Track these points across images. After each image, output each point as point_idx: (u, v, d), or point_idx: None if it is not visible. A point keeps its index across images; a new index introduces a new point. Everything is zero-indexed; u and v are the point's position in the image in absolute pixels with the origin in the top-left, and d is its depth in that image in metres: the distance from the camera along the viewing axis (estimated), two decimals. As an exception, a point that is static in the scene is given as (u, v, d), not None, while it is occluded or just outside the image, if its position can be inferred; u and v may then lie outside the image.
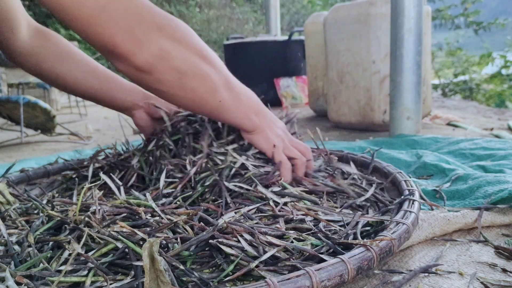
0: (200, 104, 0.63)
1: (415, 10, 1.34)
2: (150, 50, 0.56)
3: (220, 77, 0.62)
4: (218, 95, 0.62)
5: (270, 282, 0.39)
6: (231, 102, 0.64)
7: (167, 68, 0.57)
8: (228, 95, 0.63)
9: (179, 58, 0.58)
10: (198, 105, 0.64)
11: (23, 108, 1.92)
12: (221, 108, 0.63)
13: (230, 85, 0.63)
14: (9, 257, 0.48)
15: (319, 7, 5.88)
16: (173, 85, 0.59)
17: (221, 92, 0.62)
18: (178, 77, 0.58)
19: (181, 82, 0.59)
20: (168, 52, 0.57)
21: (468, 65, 4.56)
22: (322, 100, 2.21)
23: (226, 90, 0.63)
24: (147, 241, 0.40)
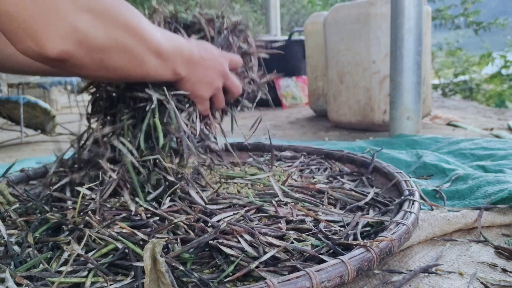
0: (124, 78, 0.59)
1: (415, 10, 1.34)
2: (63, 34, 0.45)
3: (148, 46, 0.55)
4: (144, 67, 0.56)
5: (270, 283, 0.39)
6: (159, 66, 0.59)
7: (85, 52, 0.48)
8: (156, 63, 0.58)
9: (100, 37, 0.48)
10: (121, 79, 0.62)
11: (23, 108, 1.92)
12: (147, 76, 0.59)
13: (159, 50, 0.57)
14: (9, 257, 0.48)
15: (319, 7, 5.88)
16: (94, 68, 0.51)
17: (148, 63, 0.56)
18: (100, 59, 0.50)
19: (103, 63, 0.51)
20: (87, 34, 0.47)
21: (468, 65, 4.56)
22: (322, 100, 2.21)
23: (155, 58, 0.57)
24: (150, 242, 0.40)
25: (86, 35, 0.46)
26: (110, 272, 0.45)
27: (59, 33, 0.44)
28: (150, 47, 0.55)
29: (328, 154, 0.95)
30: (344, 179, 0.80)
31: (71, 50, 0.46)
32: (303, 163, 0.91)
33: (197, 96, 0.68)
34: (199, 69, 0.66)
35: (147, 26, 0.55)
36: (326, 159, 0.94)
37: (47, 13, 0.43)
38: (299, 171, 0.85)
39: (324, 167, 0.88)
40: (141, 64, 0.55)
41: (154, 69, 0.58)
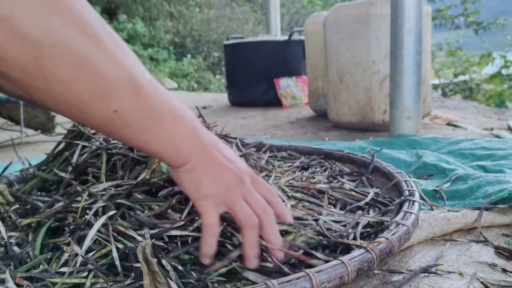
0: (79, 109, 0.38)
1: (415, 10, 1.34)
2: None
3: (119, 72, 0.38)
4: (111, 100, 0.38)
5: (270, 283, 0.39)
6: (138, 115, 0.40)
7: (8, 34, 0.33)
8: (133, 103, 0.39)
9: (34, 24, 0.33)
10: (76, 111, 0.39)
11: (23, 108, 1.92)
12: (120, 123, 0.40)
13: (140, 90, 0.40)
14: (9, 258, 0.48)
15: (319, 7, 5.88)
16: (24, 69, 0.34)
17: (118, 98, 0.38)
18: (33, 56, 0.34)
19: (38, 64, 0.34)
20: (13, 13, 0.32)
21: (468, 65, 4.56)
22: (322, 100, 2.21)
23: (130, 95, 0.39)
24: (139, 245, 0.40)
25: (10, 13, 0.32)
26: (110, 273, 0.45)
27: None
28: (123, 75, 0.38)
29: (328, 154, 0.95)
30: (344, 179, 0.80)
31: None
32: (303, 163, 0.91)
33: (204, 196, 0.45)
34: (209, 157, 0.46)
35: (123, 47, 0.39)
36: (326, 159, 0.94)
37: None
38: (299, 171, 0.85)
39: (324, 167, 0.88)
40: (105, 93, 0.38)
41: (127, 114, 0.39)
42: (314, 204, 0.63)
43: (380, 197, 0.69)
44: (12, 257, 0.48)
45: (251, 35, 7.21)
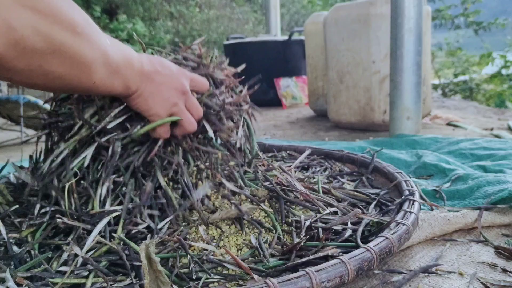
0: (67, 89, 0.50)
1: (415, 10, 1.34)
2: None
3: (96, 53, 0.47)
4: (90, 77, 0.48)
5: (270, 283, 0.39)
6: (107, 78, 0.51)
7: (20, 55, 0.40)
8: (105, 72, 0.50)
9: (39, 40, 0.41)
10: (63, 90, 0.55)
11: (23, 108, 1.92)
12: (95, 88, 0.51)
13: (108, 60, 0.49)
14: (9, 258, 0.48)
15: (319, 7, 5.88)
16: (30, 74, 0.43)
17: (96, 73, 0.48)
18: (37, 65, 0.42)
19: (41, 69, 0.43)
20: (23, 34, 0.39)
21: (468, 65, 4.56)
22: (322, 100, 2.21)
23: (103, 66, 0.49)
24: (143, 243, 0.40)
25: (22, 35, 0.39)
26: (110, 272, 0.45)
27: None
28: (98, 55, 0.48)
29: (328, 154, 0.95)
30: (344, 179, 0.81)
31: (3, 50, 0.39)
32: (303, 163, 0.91)
33: (152, 114, 0.58)
34: (152, 82, 0.57)
35: (95, 31, 0.48)
36: (326, 159, 0.94)
37: None
38: (299, 171, 0.85)
39: (324, 167, 0.88)
40: (87, 74, 0.47)
41: (101, 80, 0.50)
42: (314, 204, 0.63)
43: (380, 197, 0.69)
44: (12, 257, 0.48)
45: (251, 35, 7.21)
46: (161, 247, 0.50)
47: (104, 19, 7.21)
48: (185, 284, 0.44)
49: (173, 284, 0.42)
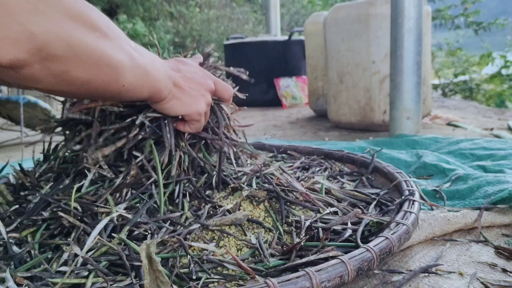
0: (95, 95, 0.49)
1: (415, 10, 1.34)
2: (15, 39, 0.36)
3: (123, 56, 0.46)
4: (120, 80, 0.47)
5: (270, 282, 0.39)
6: (136, 82, 0.50)
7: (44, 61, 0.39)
8: (133, 75, 0.48)
9: (62, 46, 0.39)
10: (92, 96, 0.53)
11: (23, 108, 1.92)
12: (125, 92, 0.49)
13: (134, 62, 0.48)
14: (9, 258, 0.48)
15: (319, 7, 5.88)
16: (55, 81, 0.41)
17: (124, 76, 0.47)
18: (62, 71, 0.41)
19: (67, 76, 0.41)
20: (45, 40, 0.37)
21: (468, 65, 4.56)
22: (322, 100, 2.21)
23: (131, 69, 0.48)
24: (143, 243, 0.40)
25: (44, 41, 0.37)
26: (110, 272, 0.45)
27: (9, 38, 0.36)
28: (124, 57, 0.46)
29: (328, 154, 0.95)
30: (344, 179, 0.81)
31: (25, 58, 0.37)
32: (304, 163, 0.91)
33: (189, 113, 0.59)
34: (180, 84, 0.58)
35: (119, 33, 0.47)
36: (326, 159, 0.94)
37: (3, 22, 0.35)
38: (300, 171, 0.85)
39: (324, 167, 0.88)
40: (115, 78, 0.46)
41: (131, 84, 0.48)
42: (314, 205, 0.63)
43: (380, 197, 0.69)
44: (12, 257, 0.48)
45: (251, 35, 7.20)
46: (161, 247, 0.50)
47: (104, 19, 7.21)
48: (185, 284, 0.44)
49: (173, 284, 0.42)
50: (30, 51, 0.37)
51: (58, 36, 0.38)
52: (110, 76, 0.45)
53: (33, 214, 0.56)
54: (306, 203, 0.62)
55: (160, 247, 0.50)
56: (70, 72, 0.41)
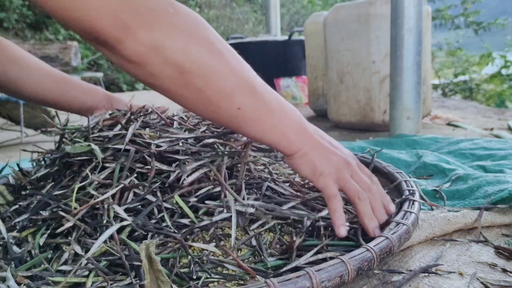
0: (212, 109, 0.51)
1: (415, 10, 1.34)
2: (139, 38, 0.46)
3: (239, 78, 0.50)
4: (235, 100, 0.50)
5: (270, 282, 0.39)
6: (256, 111, 0.51)
7: (162, 61, 0.47)
8: (251, 102, 0.51)
9: (178, 49, 0.47)
10: (209, 110, 0.52)
11: (23, 108, 1.92)
12: (242, 118, 0.51)
13: (255, 90, 0.51)
14: (11, 260, 0.48)
15: (319, 7, 5.88)
16: (173, 82, 0.49)
17: (239, 97, 0.50)
18: (179, 73, 0.48)
19: (183, 78, 0.48)
20: (163, 42, 0.46)
21: (468, 65, 4.57)
22: (322, 100, 2.21)
23: (249, 95, 0.51)
24: (143, 243, 0.41)
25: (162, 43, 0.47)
26: (110, 272, 0.45)
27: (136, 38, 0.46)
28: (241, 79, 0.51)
29: (328, 154, 0.95)
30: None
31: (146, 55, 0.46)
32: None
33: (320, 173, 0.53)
34: (317, 144, 0.54)
35: (238, 58, 0.52)
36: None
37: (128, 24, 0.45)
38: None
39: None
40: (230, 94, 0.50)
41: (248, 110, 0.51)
42: None
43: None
44: (13, 259, 0.48)
45: (251, 35, 7.20)
46: (161, 248, 0.50)
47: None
48: (185, 284, 0.44)
49: (173, 283, 0.42)
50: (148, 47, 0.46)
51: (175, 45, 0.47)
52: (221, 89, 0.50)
53: (33, 214, 0.56)
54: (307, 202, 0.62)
55: (160, 247, 0.50)
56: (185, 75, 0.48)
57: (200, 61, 0.48)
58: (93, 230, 0.52)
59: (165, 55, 0.47)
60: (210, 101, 0.50)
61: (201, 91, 0.49)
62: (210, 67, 0.49)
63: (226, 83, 0.50)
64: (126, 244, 0.48)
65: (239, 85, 0.50)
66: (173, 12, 0.48)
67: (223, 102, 0.50)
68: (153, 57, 0.47)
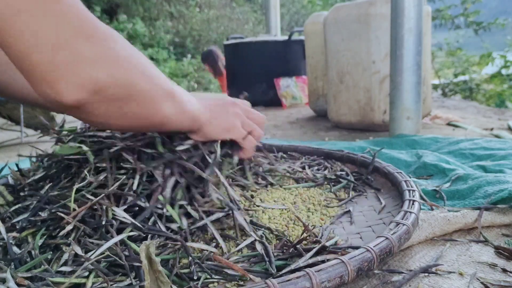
0: (142, 125, 0.56)
1: (415, 10, 1.34)
2: (81, 85, 0.44)
3: (163, 91, 0.54)
4: (162, 111, 0.55)
5: (270, 283, 0.39)
6: (175, 113, 0.57)
7: (103, 100, 0.47)
8: (171, 106, 0.56)
9: (118, 84, 0.47)
10: (139, 127, 0.57)
11: (23, 108, 1.92)
12: (165, 123, 0.57)
13: (174, 96, 0.56)
14: (11, 261, 0.48)
15: (319, 7, 5.88)
16: (111, 116, 0.50)
17: (164, 108, 0.55)
18: (118, 107, 0.49)
19: (121, 111, 0.50)
20: (105, 81, 0.46)
21: (468, 65, 4.56)
22: (322, 100, 2.21)
23: (170, 102, 0.56)
24: (143, 243, 0.41)
25: (104, 85, 0.46)
26: (110, 272, 0.45)
27: (76, 83, 0.44)
28: (167, 92, 0.55)
29: (328, 154, 0.95)
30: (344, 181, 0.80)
31: (87, 99, 0.45)
32: (304, 163, 0.91)
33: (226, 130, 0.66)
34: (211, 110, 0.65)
35: (158, 72, 0.55)
36: (326, 159, 0.94)
37: (67, 65, 0.43)
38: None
39: (323, 166, 0.88)
40: (159, 109, 0.54)
41: (172, 115, 0.56)
42: None
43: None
44: (13, 259, 0.48)
45: (251, 35, 7.20)
46: (161, 249, 0.50)
47: (104, 19, 7.21)
48: (185, 284, 0.44)
49: (173, 284, 0.42)
50: (92, 93, 0.45)
51: (115, 81, 0.47)
52: (153, 107, 0.53)
53: (32, 215, 0.56)
54: None
55: (160, 248, 0.50)
56: (123, 109, 0.50)
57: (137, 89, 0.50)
58: (93, 230, 0.52)
59: (106, 94, 0.47)
60: (143, 121, 0.54)
61: (135, 116, 0.52)
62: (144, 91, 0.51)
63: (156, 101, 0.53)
64: (126, 244, 0.48)
65: (164, 97, 0.55)
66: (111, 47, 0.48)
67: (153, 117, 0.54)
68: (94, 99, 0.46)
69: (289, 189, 0.73)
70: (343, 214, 0.66)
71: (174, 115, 0.57)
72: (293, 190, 0.72)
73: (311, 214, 0.64)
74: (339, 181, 0.79)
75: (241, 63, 2.96)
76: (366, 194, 0.75)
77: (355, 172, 0.85)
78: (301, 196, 0.70)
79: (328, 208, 0.68)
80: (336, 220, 0.64)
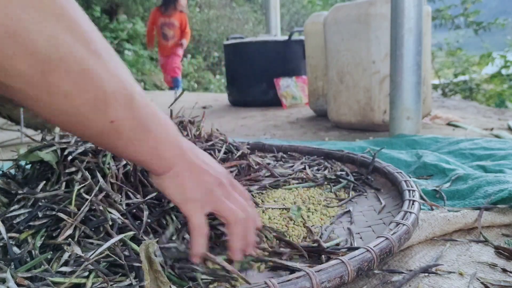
0: (80, 121, 0.39)
1: (415, 10, 1.34)
2: None
3: (117, 86, 0.39)
4: (108, 111, 0.39)
5: (270, 283, 0.39)
6: (131, 127, 0.41)
7: (19, 48, 0.33)
8: (127, 115, 0.40)
9: (42, 35, 0.34)
10: (77, 123, 0.39)
11: (23, 108, 1.92)
12: (114, 134, 0.41)
13: (134, 103, 0.41)
14: (11, 261, 0.48)
15: (319, 7, 5.88)
16: (30, 81, 0.35)
17: (114, 109, 0.39)
18: (40, 70, 0.34)
19: (44, 78, 0.35)
20: (23, 23, 0.33)
21: (468, 65, 4.56)
22: (322, 100, 2.21)
23: (126, 108, 0.40)
24: (143, 243, 0.40)
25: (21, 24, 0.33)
26: (110, 272, 0.45)
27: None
28: (119, 88, 0.39)
29: (328, 154, 0.95)
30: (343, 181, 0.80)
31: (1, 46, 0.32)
32: (304, 163, 0.91)
33: (187, 198, 0.47)
34: (190, 162, 0.47)
35: (117, 61, 0.40)
36: (326, 159, 0.94)
37: None
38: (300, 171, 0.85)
39: (324, 166, 0.88)
40: (104, 104, 0.38)
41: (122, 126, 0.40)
42: None
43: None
44: (13, 259, 0.48)
45: (251, 35, 7.20)
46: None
47: (104, 19, 7.21)
48: (185, 284, 0.44)
49: (173, 284, 0.42)
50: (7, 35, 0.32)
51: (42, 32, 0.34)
52: (95, 98, 0.38)
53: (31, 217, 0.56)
54: None
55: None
56: (49, 75, 0.35)
57: (72, 57, 0.36)
58: (92, 231, 0.52)
59: (24, 41, 0.33)
60: (78, 111, 0.38)
61: (67, 97, 0.37)
62: (85, 67, 0.37)
63: (101, 90, 0.38)
64: (126, 244, 0.48)
65: (117, 95, 0.39)
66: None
67: (95, 113, 0.39)
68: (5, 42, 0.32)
69: (289, 189, 0.73)
70: (343, 214, 0.66)
71: (129, 126, 0.41)
72: (293, 190, 0.72)
73: (311, 214, 0.64)
74: (339, 181, 0.79)
75: (241, 63, 2.96)
76: (366, 194, 0.75)
77: (355, 172, 0.85)
78: (301, 196, 0.70)
79: (328, 208, 0.68)
80: (336, 220, 0.64)
